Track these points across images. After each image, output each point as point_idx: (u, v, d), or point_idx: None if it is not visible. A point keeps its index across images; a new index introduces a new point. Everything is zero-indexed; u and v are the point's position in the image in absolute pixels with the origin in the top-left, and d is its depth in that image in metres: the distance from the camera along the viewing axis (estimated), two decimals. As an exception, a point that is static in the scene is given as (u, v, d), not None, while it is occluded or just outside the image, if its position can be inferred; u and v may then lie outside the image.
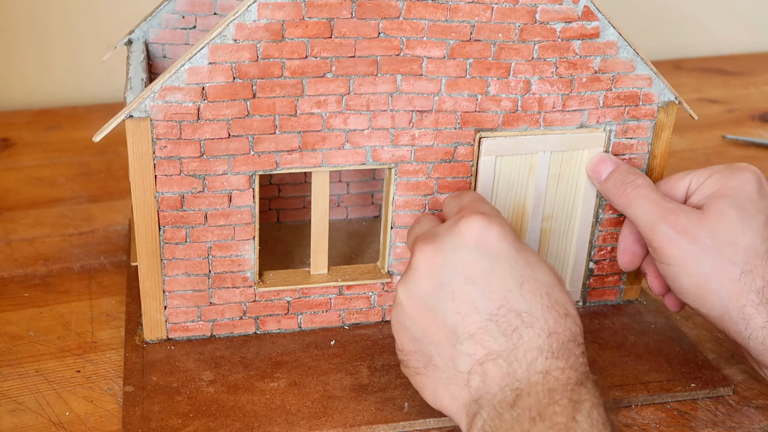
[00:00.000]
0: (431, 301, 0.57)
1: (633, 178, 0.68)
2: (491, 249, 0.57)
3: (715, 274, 0.63)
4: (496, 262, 0.56)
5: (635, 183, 0.67)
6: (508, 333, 0.55)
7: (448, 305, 0.56)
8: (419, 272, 0.58)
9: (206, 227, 0.67)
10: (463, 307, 0.56)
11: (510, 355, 0.54)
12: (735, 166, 0.67)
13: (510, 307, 0.55)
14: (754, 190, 0.65)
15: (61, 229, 0.87)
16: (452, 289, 0.56)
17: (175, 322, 0.70)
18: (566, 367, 0.54)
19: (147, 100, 0.62)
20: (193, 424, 0.62)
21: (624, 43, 0.67)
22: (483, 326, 0.55)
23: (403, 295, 0.59)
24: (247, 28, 0.61)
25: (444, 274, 0.57)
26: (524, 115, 0.68)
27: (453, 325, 0.56)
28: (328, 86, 0.64)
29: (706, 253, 0.63)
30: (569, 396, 0.52)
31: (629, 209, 0.67)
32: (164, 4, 0.78)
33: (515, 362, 0.54)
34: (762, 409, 0.67)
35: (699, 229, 0.64)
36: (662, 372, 0.69)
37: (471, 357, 0.55)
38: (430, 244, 0.58)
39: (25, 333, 0.72)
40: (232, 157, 0.65)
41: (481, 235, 0.57)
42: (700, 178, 0.67)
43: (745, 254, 0.63)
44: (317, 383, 0.66)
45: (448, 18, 0.64)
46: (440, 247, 0.57)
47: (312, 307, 0.72)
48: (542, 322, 0.55)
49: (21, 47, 1.15)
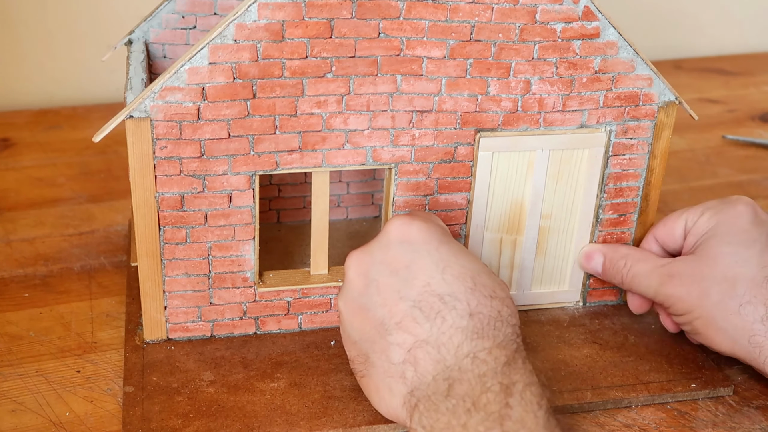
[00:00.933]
0: (362, 299, 0.59)
1: (622, 263, 0.71)
2: (413, 241, 0.59)
3: (719, 312, 0.65)
4: (417, 252, 0.58)
5: (626, 267, 0.70)
6: (431, 317, 0.56)
7: (375, 299, 0.58)
8: (350, 276, 0.61)
9: (206, 227, 0.67)
10: (388, 298, 0.58)
11: (436, 339, 0.55)
12: (728, 201, 0.69)
13: (432, 291, 0.57)
14: (748, 221, 0.67)
15: (61, 229, 0.87)
16: (378, 284, 0.59)
17: (175, 322, 0.70)
18: (493, 347, 0.54)
19: (147, 100, 0.62)
20: (193, 424, 0.62)
21: (624, 43, 0.67)
22: (408, 313, 0.56)
23: (341, 304, 0.62)
24: (247, 28, 0.61)
25: (371, 272, 0.59)
26: (524, 116, 0.68)
27: (381, 317, 0.58)
28: (328, 86, 0.64)
29: (707, 295, 0.65)
30: (500, 380, 0.53)
31: (632, 289, 0.71)
32: (164, 4, 0.78)
33: (442, 347, 0.55)
34: (762, 410, 0.67)
35: (696, 276, 0.66)
36: (662, 372, 0.69)
37: (401, 346, 0.56)
38: (359, 250, 0.61)
39: (25, 333, 0.72)
40: (232, 157, 0.65)
41: (403, 230, 0.59)
42: (695, 217, 0.69)
43: (744, 286, 0.64)
44: (317, 383, 0.66)
45: (448, 18, 0.64)
46: (368, 249, 0.61)
47: (312, 307, 0.72)
48: (464, 304, 0.56)
49: (21, 47, 1.15)
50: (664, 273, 0.68)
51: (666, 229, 0.71)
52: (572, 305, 0.77)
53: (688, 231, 0.70)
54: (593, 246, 0.73)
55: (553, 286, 0.76)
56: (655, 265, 0.69)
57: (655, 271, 0.68)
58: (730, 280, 0.65)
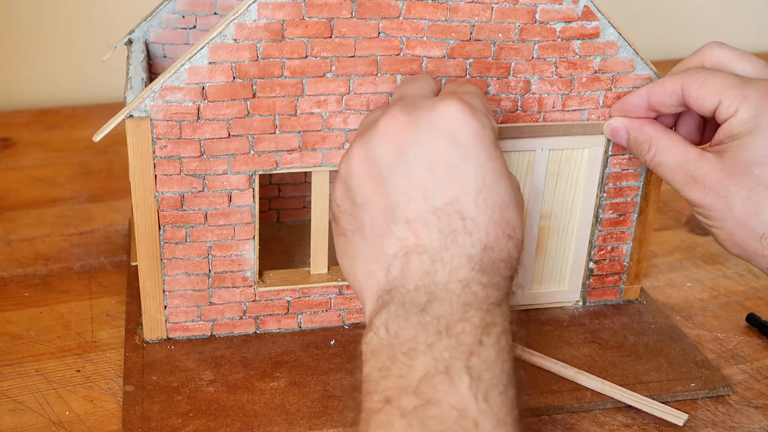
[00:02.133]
0: (385, 172, 0.54)
1: (646, 148, 0.66)
2: (464, 144, 0.53)
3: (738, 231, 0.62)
4: (463, 159, 0.53)
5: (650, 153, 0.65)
6: (444, 232, 0.52)
7: (399, 182, 0.53)
8: (385, 138, 0.54)
9: (206, 227, 0.67)
10: (412, 190, 0.53)
11: (437, 253, 0.52)
12: None
13: (457, 209, 0.52)
14: None
15: (61, 228, 0.87)
16: (409, 168, 0.53)
17: (175, 321, 0.70)
18: (488, 284, 0.51)
19: (147, 99, 0.62)
20: (193, 423, 0.62)
21: (624, 42, 0.67)
22: (423, 216, 0.52)
23: (358, 153, 0.55)
24: (247, 27, 0.61)
25: (409, 151, 0.53)
26: (524, 115, 0.68)
27: (395, 203, 0.53)
28: (328, 86, 0.64)
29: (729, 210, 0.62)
30: (482, 316, 0.50)
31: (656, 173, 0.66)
32: (164, 3, 0.78)
33: (439, 262, 0.52)
34: (762, 409, 0.67)
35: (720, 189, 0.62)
36: (662, 372, 0.69)
37: (400, 242, 0.53)
38: (406, 115, 0.54)
39: (25, 333, 0.72)
40: (232, 156, 0.65)
41: (459, 126, 0.53)
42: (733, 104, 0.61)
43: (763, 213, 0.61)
44: (317, 383, 0.66)
45: (448, 18, 0.64)
46: (415, 122, 0.54)
47: (312, 306, 0.72)
48: (482, 234, 0.52)
49: (21, 47, 1.15)
50: (688, 172, 0.63)
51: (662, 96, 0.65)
52: (572, 305, 0.77)
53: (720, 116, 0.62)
54: (617, 120, 0.68)
55: (552, 286, 0.76)
56: (679, 161, 0.64)
57: (679, 168, 0.64)
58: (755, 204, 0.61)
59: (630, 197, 0.74)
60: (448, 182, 0.53)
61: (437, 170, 0.53)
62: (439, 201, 0.52)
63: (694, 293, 0.81)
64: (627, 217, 0.74)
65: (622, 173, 0.72)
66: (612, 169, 0.72)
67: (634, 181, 0.73)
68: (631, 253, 0.76)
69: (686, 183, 0.63)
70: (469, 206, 0.52)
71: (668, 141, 0.65)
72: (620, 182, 0.73)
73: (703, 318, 0.78)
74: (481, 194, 0.53)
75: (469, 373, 0.48)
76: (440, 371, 0.48)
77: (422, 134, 0.53)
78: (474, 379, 0.47)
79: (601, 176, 0.72)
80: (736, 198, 0.61)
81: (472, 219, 0.52)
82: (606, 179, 0.72)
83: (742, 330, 0.76)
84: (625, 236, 0.75)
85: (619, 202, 0.74)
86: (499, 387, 0.48)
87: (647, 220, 0.75)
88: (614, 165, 0.72)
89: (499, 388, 0.48)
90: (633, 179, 0.73)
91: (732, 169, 0.62)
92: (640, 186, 0.73)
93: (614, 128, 0.69)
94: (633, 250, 0.76)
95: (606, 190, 0.73)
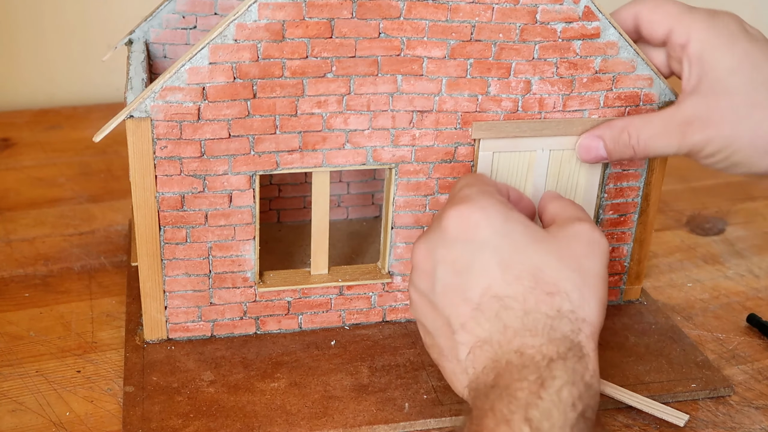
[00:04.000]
0: (432, 296, 0.58)
1: (626, 137, 0.66)
2: (472, 238, 0.57)
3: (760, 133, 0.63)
4: (478, 251, 0.56)
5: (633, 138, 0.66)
6: (491, 318, 0.55)
7: (442, 299, 0.58)
8: (417, 269, 0.60)
9: (206, 227, 0.67)
10: (453, 300, 0.57)
11: (491, 337, 0.55)
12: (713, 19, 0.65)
13: (493, 294, 0.56)
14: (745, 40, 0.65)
15: (61, 229, 0.87)
16: (443, 284, 0.57)
17: (176, 322, 0.69)
18: (544, 344, 0.54)
19: (147, 100, 0.62)
20: (193, 424, 0.62)
21: (624, 43, 0.67)
22: (471, 316, 0.56)
23: (413, 293, 0.61)
24: (248, 28, 0.61)
25: (437, 271, 0.58)
26: (525, 116, 0.68)
27: (448, 316, 0.57)
28: (328, 86, 0.64)
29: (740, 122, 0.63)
30: (540, 373, 0.52)
31: (648, 155, 0.67)
32: (164, 4, 0.78)
33: (495, 344, 0.55)
34: (762, 410, 0.67)
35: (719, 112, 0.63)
36: (663, 372, 0.69)
37: (465, 345, 0.56)
38: (422, 242, 0.59)
39: (26, 333, 0.72)
40: (233, 157, 0.65)
41: (462, 226, 0.57)
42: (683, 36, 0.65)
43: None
44: (318, 383, 0.66)
45: (448, 18, 0.64)
46: (428, 245, 0.59)
47: (312, 307, 0.72)
48: (521, 304, 0.55)
49: (21, 47, 1.15)
50: (681, 123, 0.64)
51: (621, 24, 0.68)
52: (572, 305, 0.77)
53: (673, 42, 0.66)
54: (586, 136, 0.68)
55: (553, 286, 0.76)
56: (664, 121, 0.65)
57: (668, 126, 0.65)
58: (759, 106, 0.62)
59: (630, 198, 0.73)
60: (475, 278, 0.56)
61: (462, 273, 0.57)
62: (475, 296, 0.56)
63: (694, 294, 0.81)
64: (627, 217, 0.74)
65: (623, 174, 0.72)
66: (612, 169, 0.72)
67: (635, 182, 0.73)
68: (632, 253, 0.76)
69: (683, 133, 0.64)
70: (501, 287, 0.56)
71: (642, 116, 0.67)
72: (621, 183, 0.73)
73: (703, 318, 0.78)
74: (507, 272, 0.56)
75: (529, 424, 0.50)
76: (501, 423, 0.51)
77: (439, 252, 0.58)
78: (534, 429, 0.50)
79: (602, 176, 0.72)
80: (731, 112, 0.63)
81: (508, 296, 0.55)
82: (606, 180, 0.72)
83: (743, 330, 0.76)
84: (625, 236, 0.75)
85: (619, 203, 0.73)
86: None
87: (648, 220, 0.75)
88: (615, 165, 0.72)
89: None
90: (633, 180, 0.73)
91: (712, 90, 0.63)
92: (641, 186, 0.73)
93: (586, 144, 0.69)
94: (633, 251, 0.76)
95: (606, 191, 0.73)
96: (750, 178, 1.03)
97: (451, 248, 0.57)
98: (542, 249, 0.57)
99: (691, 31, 0.65)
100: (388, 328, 0.73)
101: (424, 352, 0.69)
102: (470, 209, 0.58)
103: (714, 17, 0.66)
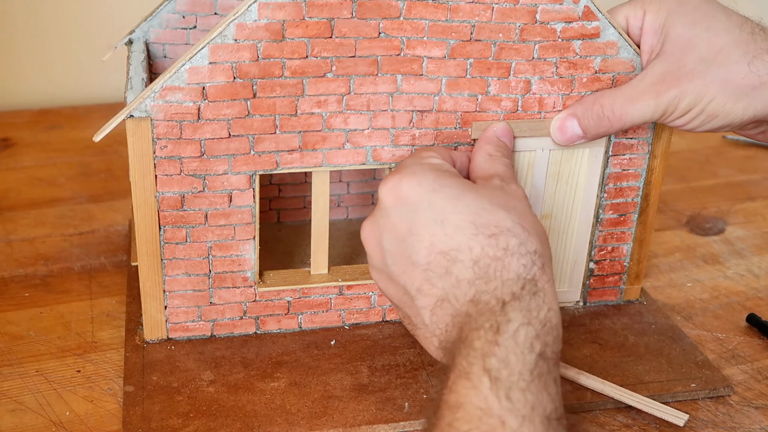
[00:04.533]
0: (386, 270, 0.59)
1: (599, 109, 0.66)
2: (406, 201, 0.58)
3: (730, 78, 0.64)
4: (414, 212, 0.57)
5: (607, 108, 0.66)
6: (442, 276, 0.56)
7: (394, 269, 0.58)
8: (368, 247, 0.61)
9: (206, 227, 0.67)
10: (404, 266, 0.58)
11: (448, 294, 0.55)
12: None
13: (437, 250, 0.56)
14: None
15: (61, 229, 0.87)
16: (391, 253, 0.58)
17: (176, 322, 0.70)
18: (498, 287, 0.54)
19: (147, 99, 0.62)
20: (193, 423, 0.62)
21: (624, 43, 0.67)
22: (423, 277, 0.56)
23: (372, 272, 0.62)
24: (248, 27, 0.61)
25: (383, 242, 0.59)
26: (525, 115, 0.68)
27: (404, 284, 0.58)
28: (328, 86, 0.64)
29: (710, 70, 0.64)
30: (495, 318, 0.52)
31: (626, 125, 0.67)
32: (165, 4, 0.78)
33: (454, 299, 0.55)
34: (762, 410, 0.67)
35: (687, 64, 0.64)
36: (662, 372, 0.69)
37: (426, 309, 0.57)
38: (367, 221, 0.61)
39: (26, 333, 0.72)
40: (233, 156, 0.65)
41: (394, 193, 0.58)
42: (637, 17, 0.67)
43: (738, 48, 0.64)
44: (317, 383, 0.66)
45: (448, 18, 0.64)
46: (374, 219, 0.60)
47: (312, 307, 0.72)
48: (467, 253, 0.55)
49: (21, 47, 1.15)
50: (652, 83, 0.65)
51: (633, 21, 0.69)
52: (572, 305, 0.77)
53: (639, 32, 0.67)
54: (558, 117, 0.68)
55: (553, 286, 0.76)
56: (635, 86, 0.65)
57: (640, 89, 0.65)
58: (723, 50, 0.63)
59: (630, 197, 0.73)
60: (417, 239, 0.57)
61: (405, 238, 0.57)
62: (422, 257, 0.56)
63: (694, 293, 0.81)
64: (627, 217, 0.74)
65: (623, 173, 0.72)
66: (612, 169, 0.72)
67: (635, 182, 0.73)
68: (632, 253, 0.76)
69: (657, 92, 0.64)
70: (443, 240, 0.56)
71: (612, 89, 0.67)
72: (620, 182, 0.73)
73: (703, 318, 0.78)
74: (445, 224, 0.56)
75: (488, 374, 0.49)
76: (461, 376, 0.50)
77: (381, 222, 0.59)
78: (493, 380, 0.49)
79: (602, 176, 0.72)
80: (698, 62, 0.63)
81: (452, 248, 0.56)
82: (606, 179, 0.72)
83: (743, 330, 0.76)
84: (625, 236, 0.75)
85: (619, 203, 0.73)
86: (520, 384, 0.49)
87: (647, 220, 0.75)
88: (614, 165, 0.72)
89: (521, 385, 0.49)
90: (633, 179, 0.73)
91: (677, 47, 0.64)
92: (641, 186, 0.73)
93: (559, 125, 0.68)
94: (633, 251, 0.76)
95: (606, 191, 0.73)
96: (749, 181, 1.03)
97: (390, 217, 0.58)
98: (474, 196, 0.57)
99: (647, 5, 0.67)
100: (387, 327, 0.73)
101: (424, 352, 0.69)
102: (400, 176, 0.59)
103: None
